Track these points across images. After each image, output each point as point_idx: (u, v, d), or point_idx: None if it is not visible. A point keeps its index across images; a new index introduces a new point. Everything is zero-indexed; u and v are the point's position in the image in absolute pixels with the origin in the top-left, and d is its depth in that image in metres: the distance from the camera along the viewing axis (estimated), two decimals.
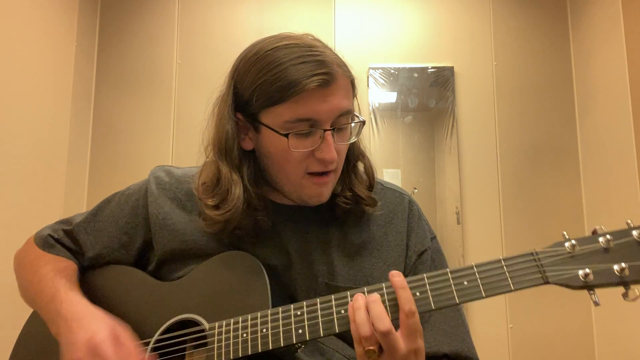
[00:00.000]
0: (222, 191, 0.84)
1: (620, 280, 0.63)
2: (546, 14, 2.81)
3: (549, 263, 0.67)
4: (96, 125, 2.70)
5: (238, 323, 0.79)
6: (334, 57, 0.82)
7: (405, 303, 0.69)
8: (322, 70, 0.77)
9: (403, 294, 0.70)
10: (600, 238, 0.66)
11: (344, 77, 0.81)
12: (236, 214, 0.83)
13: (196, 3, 2.78)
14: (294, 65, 0.77)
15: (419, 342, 0.69)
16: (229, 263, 0.87)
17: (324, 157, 0.80)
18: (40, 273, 0.90)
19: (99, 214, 0.99)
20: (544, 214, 2.63)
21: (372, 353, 0.68)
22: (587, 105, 2.66)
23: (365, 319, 0.69)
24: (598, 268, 0.64)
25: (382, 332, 0.67)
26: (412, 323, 0.68)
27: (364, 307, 0.70)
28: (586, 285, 0.65)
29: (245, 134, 0.85)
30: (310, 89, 0.76)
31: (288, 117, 0.78)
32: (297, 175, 0.83)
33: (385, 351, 0.68)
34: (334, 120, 0.80)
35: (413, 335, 0.68)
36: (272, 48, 0.80)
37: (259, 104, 0.80)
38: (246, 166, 0.86)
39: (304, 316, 0.75)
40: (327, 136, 0.79)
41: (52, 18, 2.37)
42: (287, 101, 0.77)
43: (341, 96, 0.80)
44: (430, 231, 0.96)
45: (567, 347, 2.52)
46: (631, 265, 0.62)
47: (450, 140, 2.69)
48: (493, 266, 0.70)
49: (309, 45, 0.80)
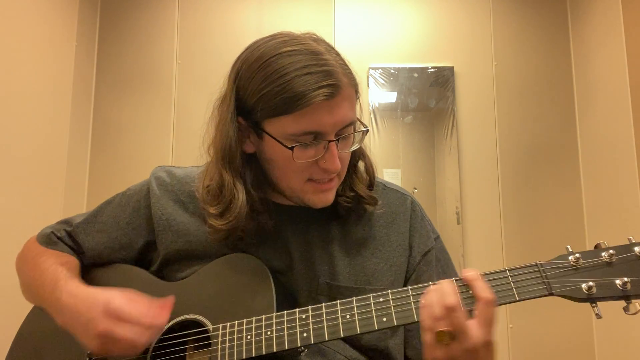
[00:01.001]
0: (225, 200, 0.84)
1: (622, 294, 0.64)
2: (546, 14, 2.81)
3: (553, 275, 0.68)
4: (96, 125, 2.69)
5: (242, 325, 0.79)
6: (339, 63, 0.80)
7: (483, 291, 0.68)
8: (328, 82, 0.75)
9: (479, 284, 0.69)
10: (603, 253, 0.67)
11: (349, 86, 0.80)
12: (239, 222, 0.83)
13: (196, 3, 2.77)
14: (300, 77, 0.75)
15: (494, 337, 0.67)
16: (235, 265, 0.87)
17: (327, 168, 0.80)
18: (42, 267, 0.91)
19: (99, 215, 0.99)
20: (544, 214, 2.64)
21: (443, 335, 0.65)
22: (587, 105, 2.66)
23: (436, 298, 0.68)
24: (601, 281, 0.65)
25: (449, 306, 0.66)
26: (490, 313, 0.67)
27: (435, 289, 0.70)
28: (589, 298, 0.66)
29: (247, 137, 0.85)
30: (317, 102, 0.75)
31: (293, 130, 0.77)
32: (299, 183, 0.83)
33: (456, 336, 0.66)
34: (339, 130, 0.80)
35: (489, 327, 0.66)
36: (276, 55, 0.77)
37: (263, 113, 0.79)
38: (248, 170, 0.85)
39: (309, 320, 0.76)
40: (331, 147, 0.79)
41: (52, 18, 2.36)
42: (292, 113, 0.76)
43: (346, 107, 0.79)
44: (433, 231, 0.96)
45: (567, 347, 2.53)
46: (633, 280, 0.64)
47: (450, 140, 2.69)
48: (498, 276, 0.71)
49: (313, 51, 0.78)
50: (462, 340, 0.65)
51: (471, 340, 0.65)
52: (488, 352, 0.67)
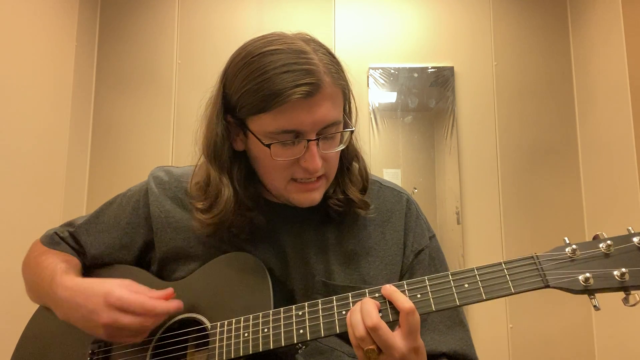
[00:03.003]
0: (211, 195, 0.85)
1: (620, 285, 0.63)
2: (546, 14, 2.81)
3: (549, 267, 0.68)
4: (96, 125, 2.70)
5: (240, 323, 0.80)
6: (325, 62, 0.79)
7: (403, 302, 0.69)
8: (306, 80, 0.75)
9: (397, 296, 0.71)
10: (600, 244, 0.66)
11: (332, 85, 0.79)
12: (226, 216, 0.84)
13: (196, 3, 2.78)
14: (278, 75, 0.75)
15: (420, 341, 0.70)
16: (233, 264, 0.87)
17: (307, 167, 0.80)
18: (43, 265, 0.92)
19: (100, 215, 1.00)
20: (544, 214, 2.63)
21: (372, 352, 0.68)
22: (587, 105, 2.66)
23: (359, 319, 0.70)
24: (598, 273, 0.65)
25: (370, 327, 0.68)
26: (413, 321, 0.69)
27: (358, 310, 0.71)
28: (586, 290, 0.65)
29: (236, 135, 0.86)
30: (293, 100, 0.74)
31: (272, 128, 0.77)
32: (281, 181, 0.84)
33: (383, 350, 0.68)
34: (320, 130, 0.79)
35: (413, 334, 0.69)
36: (260, 53, 0.78)
37: (244, 111, 0.79)
38: (237, 167, 0.86)
39: (305, 317, 0.76)
40: (311, 146, 0.79)
41: (52, 18, 2.36)
42: (270, 111, 0.76)
43: (327, 106, 0.78)
44: (429, 230, 0.96)
45: (567, 347, 2.52)
46: (631, 271, 0.63)
47: (450, 140, 2.69)
48: (494, 269, 0.71)
49: (297, 50, 0.77)
50: (389, 354, 0.68)
51: (398, 351, 0.68)
52: (418, 355, 0.70)
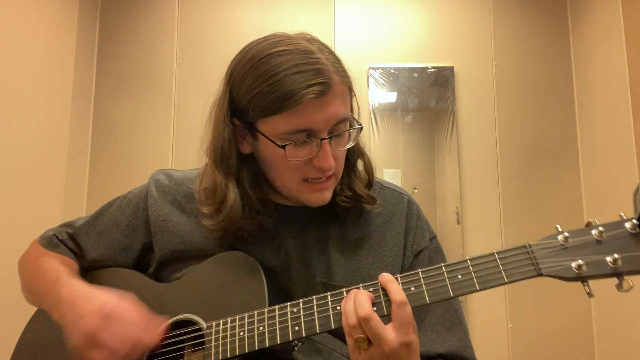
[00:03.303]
0: (217, 200, 0.85)
1: (613, 271, 0.63)
2: (546, 14, 2.81)
3: (542, 255, 0.68)
4: (96, 125, 2.70)
5: (235, 322, 0.79)
6: (331, 61, 0.80)
7: (396, 294, 0.69)
8: (318, 80, 0.76)
9: (392, 286, 0.71)
10: (593, 230, 0.66)
11: (341, 83, 0.80)
12: (232, 221, 0.84)
13: (196, 3, 2.78)
14: (290, 76, 0.75)
15: (412, 336, 0.69)
16: (226, 263, 0.87)
17: (321, 165, 0.80)
18: (44, 266, 0.92)
19: (100, 217, 1.01)
20: (544, 214, 2.62)
21: (362, 341, 0.68)
22: (587, 105, 2.65)
23: (352, 308, 0.70)
24: (591, 259, 0.64)
25: (361, 317, 0.68)
26: (404, 314, 0.68)
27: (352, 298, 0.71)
28: (579, 277, 0.65)
29: (243, 138, 0.86)
30: (307, 100, 0.75)
31: (285, 129, 0.78)
32: (294, 182, 0.84)
33: (373, 341, 0.68)
34: (331, 128, 0.80)
35: (405, 328, 0.68)
36: (267, 55, 0.78)
37: (255, 113, 0.80)
38: (245, 171, 0.86)
39: (300, 313, 0.76)
40: (324, 145, 0.79)
41: (52, 18, 2.37)
42: (283, 112, 0.76)
43: (338, 104, 0.79)
44: (429, 231, 0.96)
45: (567, 347, 2.51)
46: (624, 256, 0.62)
47: (450, 140, 2.69)
48: (487, 259, 0.71)
49: (304, 51, 0.79)
50: (378, 346, 0.68)
51: (389, 344, 0.67)
52: (409, 352, 0.69)
